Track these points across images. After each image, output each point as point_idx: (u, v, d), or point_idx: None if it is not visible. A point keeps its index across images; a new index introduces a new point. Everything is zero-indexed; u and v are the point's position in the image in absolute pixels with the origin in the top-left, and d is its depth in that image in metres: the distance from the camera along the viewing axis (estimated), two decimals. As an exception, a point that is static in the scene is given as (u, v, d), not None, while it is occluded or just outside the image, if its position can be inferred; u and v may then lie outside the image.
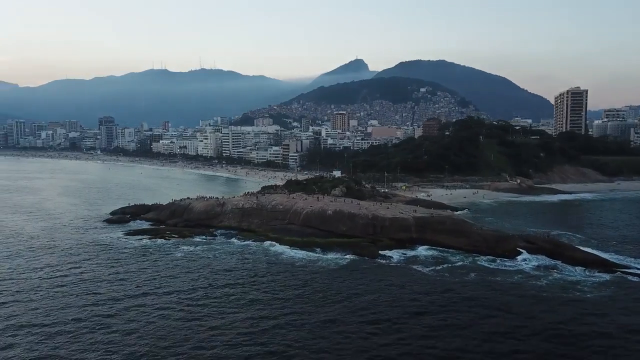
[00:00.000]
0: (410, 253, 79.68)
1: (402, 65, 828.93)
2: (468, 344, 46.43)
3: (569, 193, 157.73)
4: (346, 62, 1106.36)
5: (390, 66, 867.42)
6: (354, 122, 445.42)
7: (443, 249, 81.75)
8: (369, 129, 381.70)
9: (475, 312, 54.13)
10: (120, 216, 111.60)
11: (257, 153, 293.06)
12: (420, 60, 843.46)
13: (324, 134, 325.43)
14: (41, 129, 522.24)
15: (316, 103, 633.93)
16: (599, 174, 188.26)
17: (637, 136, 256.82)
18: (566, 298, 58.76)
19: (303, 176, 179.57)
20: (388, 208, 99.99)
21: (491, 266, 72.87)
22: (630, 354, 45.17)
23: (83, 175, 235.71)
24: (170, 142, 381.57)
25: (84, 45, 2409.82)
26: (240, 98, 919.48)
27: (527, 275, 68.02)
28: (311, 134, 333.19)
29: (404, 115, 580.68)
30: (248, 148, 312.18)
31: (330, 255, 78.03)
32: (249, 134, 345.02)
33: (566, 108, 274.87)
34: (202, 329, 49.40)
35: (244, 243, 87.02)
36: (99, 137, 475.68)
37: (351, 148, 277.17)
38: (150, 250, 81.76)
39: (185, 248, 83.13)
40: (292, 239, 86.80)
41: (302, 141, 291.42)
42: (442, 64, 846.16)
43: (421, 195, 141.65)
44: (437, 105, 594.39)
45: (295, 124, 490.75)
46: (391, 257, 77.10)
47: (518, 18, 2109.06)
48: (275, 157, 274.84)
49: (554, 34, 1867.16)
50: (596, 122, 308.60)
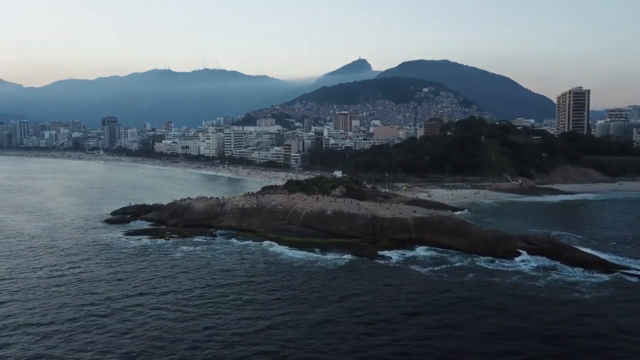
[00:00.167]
0: (409, 253, 79.53)
1: (405, 65, 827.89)
2: (464, 344, 46.33)
3: (571, 193, 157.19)
4: (349, 62, 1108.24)
5: (393, 66, 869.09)
6: (356, 122, 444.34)
7: (442, 249, 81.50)
8: (371, 129, 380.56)
9: (472, 313, 54.00)
10: (120, 216, 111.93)
11: (259, 153, 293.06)
12: (423, 60, 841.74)
13: (325, 134, 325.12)
14: (44, 129, 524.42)
15: (319, 103, 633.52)
16: (601, 174, 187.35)
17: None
18: (564, 299, 58.56)
19: (304, 176, 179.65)
20: (388, 208, 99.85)
21: (490, 267, 72.67)
22: (627, 355, 44.93)
23: (85, 175, 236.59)
24: (173, 142, 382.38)
25: (84, 45, 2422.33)
26: (243, 98, 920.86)
27: (526, 276, 67.82)
28: (313, 134, 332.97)
29: (406, 115, 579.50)
30: (250, 148, 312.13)
31: (329, 256, 78.00)
32: (251, 134, 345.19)
33: (568, 108, 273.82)
34: (198, 329, 49.48)
35: (244, 243, 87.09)
36: (101, 137, 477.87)
37: (353, 148, 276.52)
38: (150, 250, 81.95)
39: (185, 248, 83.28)
40: (292, 239, 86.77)
41: (304, 141, 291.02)
42: (445, 64, 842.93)
43: (422, 195, 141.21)
44: (440, 105, 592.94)
45: (297, 124, 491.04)
46: (390, 258, 77.01)
47: (518, 18, 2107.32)
48: (277, 158, 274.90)
49: (555, 34, 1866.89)
50: (599, 122, 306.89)
